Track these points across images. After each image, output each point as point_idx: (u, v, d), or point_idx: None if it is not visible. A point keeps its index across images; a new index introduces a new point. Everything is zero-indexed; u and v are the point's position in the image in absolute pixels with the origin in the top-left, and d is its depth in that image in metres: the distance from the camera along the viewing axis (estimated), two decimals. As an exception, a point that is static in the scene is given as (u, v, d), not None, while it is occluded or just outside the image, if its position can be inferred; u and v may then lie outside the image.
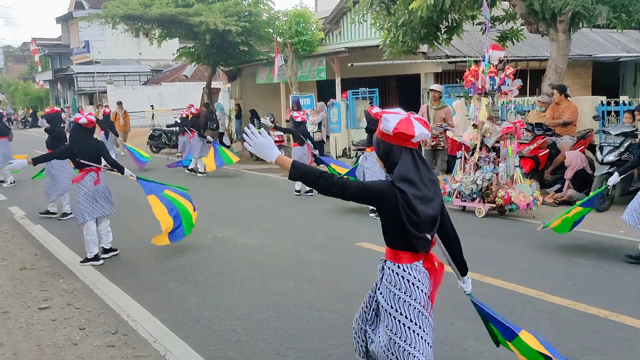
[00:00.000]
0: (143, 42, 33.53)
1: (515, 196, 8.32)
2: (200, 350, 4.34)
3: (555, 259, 6.48)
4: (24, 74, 56.43)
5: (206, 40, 17.90)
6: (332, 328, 4.69)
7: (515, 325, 3.46)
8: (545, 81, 11.05)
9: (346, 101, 16.46)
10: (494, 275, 5.86)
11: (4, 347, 4.48)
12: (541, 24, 10.66)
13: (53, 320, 5.03)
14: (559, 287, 5.49)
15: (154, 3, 18.16)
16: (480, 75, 8.63)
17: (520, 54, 16.07)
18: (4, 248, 7.60)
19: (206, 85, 22.24)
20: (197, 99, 23.58)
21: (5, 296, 5.69)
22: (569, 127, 10.05)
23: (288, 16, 18.30)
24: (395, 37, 12.47)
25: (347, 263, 6.56)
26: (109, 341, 4.57)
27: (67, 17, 44.11)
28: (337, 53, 16.71)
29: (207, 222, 8.88)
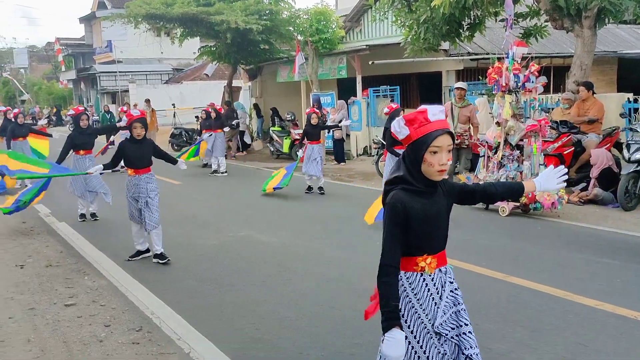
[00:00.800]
0: (164, 41, 33.77)
1: (539, 195, 8.22)
2: (223, 348, 4.35)
3: (582, 258, 6.38)
4: (47, 73, 57.24)
5: (227, 39, 17.96)
6: (354, 327, 4.67)
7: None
8: (570, 78, 10.89)
9: (367, 99, 16.41)
10: (518, 274, 5.79)
11: (31, 344, 4.54)
12: (566, 20, 10.51)
13: (79, 317, 5.09)
14: (585, 287, 5.41)
15: (176, 2, 18.27)
16: (504, 73, 8.54)
17: (543, 51, 15.86)
18: (29, 245, 7.71)
19: (227, 84, 22.33)
20: (218, 98, 23.69)
21: (32, 293, 5.77)
22: (595, 125, 9.90)
23: (309, 14, 18.29)
24: (417, 34, 12.38)
25: (367, 262, 6.50)
26: (134, 338, 4.60)
27: (90, 17, 44.62)
28: (358, 51, 16.66)
29: (227, 221, 8.94)
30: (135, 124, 6.61)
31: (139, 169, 6.67)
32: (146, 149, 6.73)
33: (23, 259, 7.04)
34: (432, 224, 2.62)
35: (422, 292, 2.66)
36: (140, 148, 6.67)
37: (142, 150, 6.70)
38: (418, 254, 2.64)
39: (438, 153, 2.52)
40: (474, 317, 4.72)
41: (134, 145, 6.68)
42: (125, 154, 6.67)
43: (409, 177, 2.59)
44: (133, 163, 6.66)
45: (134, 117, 6.64)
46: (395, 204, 2.57)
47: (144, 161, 6.70)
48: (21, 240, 7.98)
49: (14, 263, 6.86)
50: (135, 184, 6.66)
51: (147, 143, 6.79)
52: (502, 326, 4.59)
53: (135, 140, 6.67)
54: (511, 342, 4.29)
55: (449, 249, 2.80)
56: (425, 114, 2.55)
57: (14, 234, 8.38)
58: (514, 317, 4.76)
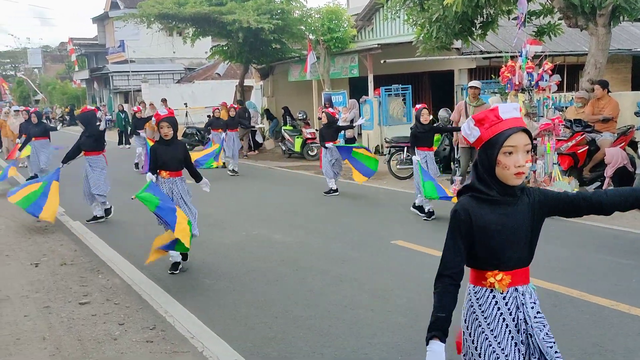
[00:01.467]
0: (177, 40, 33.94)
1: (553, 194, 8.15)
2: (237, 347, 4.36)
3: (596, 258, 6.33)
4: (61, 73, 57.66)
5: (239, 38, 18.02)
6: (368, 326, 4.66)
7: None
8: (584, 76, 10.81)
9: (379, 98, 16.38)
10: (532, 274, 5.72)
11: (46, 342, 4.58)
12: (580, 18, 10.42)
13: (93, 315, 5.12)
14: (600, 287, 5.36)
15: (188, 2, 18.36)
16: (517, 71, 8.49)
17: (557, 49, 15.76)
18: (44, 244, 7.77)
19: (239, 83, 22.40)
20: (229, 97, 23.76)
21: (47, 291, 5.82)
22: (610, 124, 9.81)
23: (320, 13, 18.30)
24: (429, 33, 12.34)
25: (382, 261, 6.52)
26: (148, 336, 4.62)
27: (103, 17, 44.90)
28: (370, 50, 16.63)
29: (241, 220, 8.95)
30: (162, 123, 6.25)
31: (173, 171, 6.33)
32: (178, 150, 6.39)
33: (38, 257, 7.10)
34: (506, 237, 2.37)
35: (491, 310, 2.45)
36: (171, 150, 6.32)
37: (175, 152, 6.35)
38: (488, 268, 2.42)
39: (513, 154, 2.28)
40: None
41: (165, 147, 6.31)
42: (158, 156, 6.30)
43: (479, 184, 2.37)
44: (166, 165, 6.31)
45: (161, 116, 6.29)
46: (458, 212, 2.37)
47: (176, 163, 6.35)
48: (36, 239, 8.05)
49: (29, 261, 6.92)
50: (170, 187, 6.31)
51: (179, 144, 6.48)
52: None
53: (165, 142, 6.31)
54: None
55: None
56: (497, 112, 2.33)
57: (28, 233, 8.45)
58: (528, 317, 4.72)
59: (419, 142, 8.46)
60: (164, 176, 6.32)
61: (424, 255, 6.63)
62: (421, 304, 5.12)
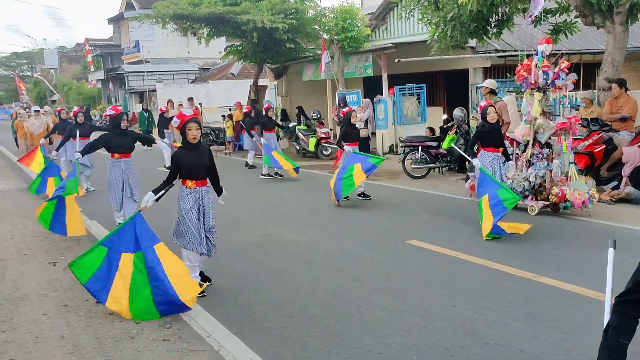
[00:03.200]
0: (191, 41, 34.09)
1: (570, 194, 8.10)
2: (252, 346, 4.38)
3: (615, 258, 6.25)
4: (77, 73, 58.19)
5: (253, 38, 18.07)
6: (382, 326, 4.66)
7: None
8: (601, 75, 10.71)
9: (393, 97, 16.34)
10: (549, 275, 5.72)
11: (65, 340, 4.63)
12: (597, 16, 10.33)
13: (110, 314, 5.16)
14: (619, 288, 5.30)
15: (203, 2, 18.45)
16: (532, 70, 8.42)
17: (573, 47, 15.62)
18: (62, 243, 7.85)
19: (253, 83, 22.45)
20: (244, 97, 23.82)
21: (65, 290, 5.88)
22: (628, 122, 9.72)
23: (334, 12, 18.29)
24: (444, 31, 12.29)
25: (396, 261, 6.51)
26: (164, 335, 4.66)
27: (119, 17, 45.24)
28: (384, 49, 16.59)
29: (255, 219, 8.98)
30: (190, 124, 5.48)
31: (199, 179, 5.57)
32: (204, 156, 5.63)
33: (56, 256, 7.17)
34: None
35: None
36: (197, 155, 5.56)
37: (201, 158, 5.59)
38: None
39: None
40: (503, 317, 4.71)
41: (190, 152, 5.53)
42: (181, 163, 5.49)
43: None
44: (192, 173, 5.52)
45: (186, 116, 5.52)
46: None
47: (203, 171, 5.60)
48: (53, 238, 8.12)
49: (47, 260, 6.99)
50: (197, 197, 5.56)
51: (204, 149, 5.70)
52: (533, 326, 4.54)
53: (190, 146, 5.54)
54: (543, 343, 4.24)
55: (474, 248, 2.76)
56: None
57: (46, 232, 8.50)
58: (544, 317, 4.70)
59: (485, 142, 8.02)
60: (190, 186, 5.52)
61: (439, 255, 6.61)
62: (436, 304, 5.11)
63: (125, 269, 5.15)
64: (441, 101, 18.66)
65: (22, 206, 10.69)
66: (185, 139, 5.52)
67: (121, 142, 8.17)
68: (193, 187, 5.53)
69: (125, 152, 8.26)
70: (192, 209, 5.52)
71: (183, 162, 5.47)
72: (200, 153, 5.58)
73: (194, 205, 5.53)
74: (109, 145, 8.15)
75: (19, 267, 6.77)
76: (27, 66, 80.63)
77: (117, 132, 8.18)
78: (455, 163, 12.86)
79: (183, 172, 5.52)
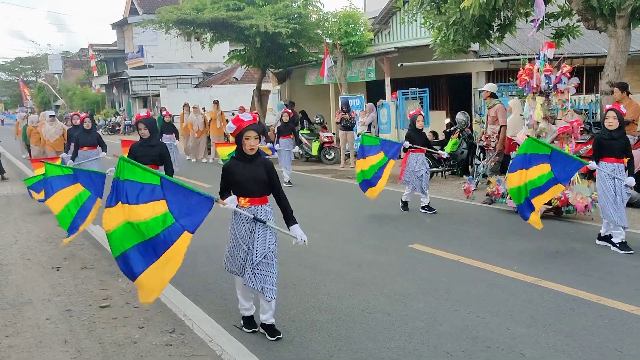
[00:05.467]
0: (195, 45, 34.19)
1: (572, 197, 8.10)
2: (254, 350, 4.40)
3: (617, 262, 6.27)
4: (81, 78, 58.39)
5: (257, 43, 18.11)
6: (385, 331, 4.67)
7: None
8: (604, 79, 10.70)
9: (396, 101, 16.37)
10: (551, 278, 5.72)
11: (68, 344, 4.65)
12: (599, 20, 10.32)
13: (113, 318, 5.19)
14: (620, 291, 5.31)
15: (206, 7, 18.52)
16: (535, 74, 8.44)
17: (575, 51, 15.62)
18: (65, 248, 7.87)
19: (256, 87, 22.49)
20: (247, 101, 23.88)
21: (68, 294, 5.91)
22: (630, 126, 9.69)
23: (337, 17, 18.34)
24: (446, 36, 12.30)
25: (399, 265, 6.52)
26: (167, 340, 4.68)
27: (122, 22, 45.44)
28: (387, 53, 16.64)
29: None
30: (249, 132, 4.57)
31: (254, 196, 4.69)
32: (261, 169, 4.70)
33: (59, 261, 7.21)
34: None
35: None
36: (253, 168, 4.66)
37: (257, 170, 4.67)
38: None
39: None
40: (505, 321, 4.71)
41: (245, 163, 4.66)
42: (233, 177, 4.67)
43: None
44: (245, 189, 4.65)
45: (244, 122, 4.59)
46: None
47: (260, 186, 4.69)
48: (57, 243, 8.15)
49: (50, 265, 7.03)
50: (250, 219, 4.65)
51: (263, 162, 4.76)
52: (535, 330, 4.54)
53: (245, 157, 4.66)
54: (544, 347, 4.24)
55: (477, 252, 2.77)
56: None
57: (50, 237, 8.57)
58: (546, 321, 4.70)
59: (605, 152, 6.80)
60: (243, 204, 4.65)
61: (441, 259, 6.62)
62: (438, 308, 5.12)
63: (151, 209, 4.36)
64: (444, 105, 18.65)
65: (26, 211, 10.73)
66: (241, 149, 4.63)
67: (146, 153, 7.07)
68: (247, 206, 4.65)
69: (147, 164, 6.86)
70: (240, 228, 4.67)
71: (233, 174, 4.65)
72: (257, 166, 4.68)
73: (241, 225, 4.67)
74: (134, 155, 6.89)
75: (23, 272, 6.80)
76: (31, 71, 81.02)
77: (140, 142, 7.24)
78: (459, 167, 12.87)
79: (233, 186, 4.70)
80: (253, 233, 4.63)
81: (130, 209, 4.33)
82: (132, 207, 4.34)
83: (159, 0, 40.30)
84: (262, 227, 4.63)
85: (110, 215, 4.37)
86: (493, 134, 10.48)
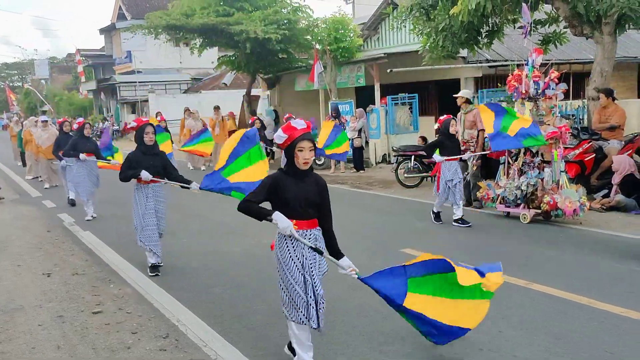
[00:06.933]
0: (184, 51, 34.16)
1: (561, 202, 8.18)
2: (250, 355, 4.40)
3: (605, 266, 6.35)
4: (68, 84, 58.06)
5: (247, 48, 18.15)
6: (381, 334, 4.70)
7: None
8: (590, 85, 10.85)
9: (385, 107, 16.45)
10: (542, 281, 5.78)
11: (61, 350, 4.64)
12: (586, 27, 10.48)
13: (106, 324, 5.17)
14: (610, 294, 5.38)
15: (196, 13, 18.54)
16: (524, 80, 8.54)
17: (562, 57, 15.80)
18: (56, 254, 7.84)
19: (246, 93, 22.51)
20: (236, 107, 23.85)
21: (60, 301, 5.88)
22: (617, 131, 9.85)
23: (327, 23, 18.43)
24: (435, 42, 12.41)
25: (391, 269, 6.54)
26: (161, 345, 4.67)
27: (110, 28, 45.25)
28: (376, 59, 16.73)
29: (248, 228, 8.98)
30: (303, 142, 3.82)
31: (302, 218, 3.95)
32: (312, 187, 3.96)
33: (49, 267, 7.17)
34: None
35: None
36: (305, 186, 3.92)
37: (309, 189, 3.94)
38: None
39: None
40: (498, 323, 4.76)
41: (295, 179, 3.91)
42: (283, 194, 3.89)
43: None
44: (293, 209, 3.88)
45: (297, 131, 3.83)
46: None
47: (311, 207, 3.96)
48: (47, 249, 8.12)
49: (40, 271, 6.98)
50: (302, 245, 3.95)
51: (315, 179, 4.01)
52: (527, 333, 4.59)
53: (297, 172, 3.91)
54: (537, 349, 4.29)
55: (468, 256, 2.81)
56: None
57: (39, 243, 8.52)
58: (538, 324, 4.76)
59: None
60: (297, 228, 3.93)
61: (433, 264, 6.66)
62: (431, 311, 5.15)
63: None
64: (433, 110, 18.75)
65: (17, 217, 10.66)
66: (293, 162, 3.88)
67: (148, 163, 6.59)
68: (296, 230, 3.90)
69: (156, 176, 6.65)
70: (293, 260, 3.96)
71: (283, 190, 3.88)
72: (309, 184, 3.94)
73: (296, 255, 3.97)
74: (132, 167, 6.56)
75: (13, 278, 6.76)
76: (17, 77, 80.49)
77: (143, 150, 6.62)
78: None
79: (279, 206, 3.91)
80: (305, 259, 3.99)
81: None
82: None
83: (147, 6, 40.24)
84: (315, 255, 4.05)
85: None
86: (472, 139, 10.47)
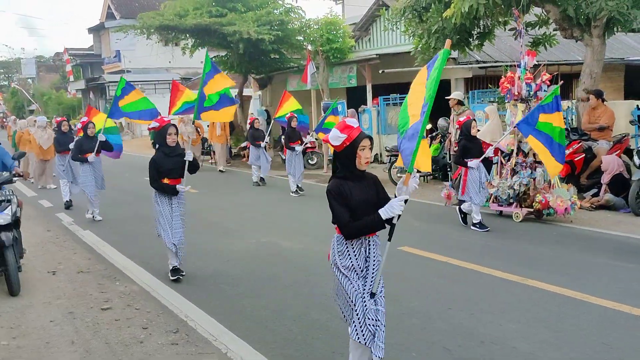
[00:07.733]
0: (175, 50, 34.11)
1: (553, 201, 8.41)
2: (259, 348, 4.56)
3: (598, 262, 6.58)
4: (56, 83, 57.66)
5: (239, 49, 18.24)
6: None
7: None
8: (580, 86, 11.10)
9: (377, 107, 16.64)
10: (537, 277, 5.99)
11: (76, 345, 4.76)
12: (575, 29, 10.72)
13: (116, 320, 5.31)
14: (602, 289, 5.60)
15: (189, 14, 18.59)
16: (516, 82, 8.76)
17: (551, 58, 16.06)
18: (58, 253, 7.94)
19: (237, 93, 22.57)
20: (228, 107, 23.87)
21: (68, 298, 6.00)
22: (605, 132, 10.10)
23: (319, 24, 18.57)
24: (427, 43, 12.60)
25: (390, 267, 6.67)
26: (172, 339, 4.82)
27: (99, 27, 45.07)
28: (368, 60, 16.91)
29: (247, 228, 9.14)
30: (365, 141, 3.58)
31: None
32: (371, 189, 3.71)
33: (53, 265, 7.27)
34: None
35: None
36: (364, 188, 3.67)
37: (368, 191, 3.69)
38: None
39: None
40: (497, 318, 4.95)
41: (354, 182, 3.63)
42: (350, 201, 3.59)
43: None
44: (356, 215, 3.62)
45: (355, 130, 3.58)
46: None
47: (371, 211, 3.64)
48: (49, 248, 8.21)
49: (45, 270, 7.09)
50: (362, 251, 3.82)
51: (372, 179, 3.76)
52: (526, 327, 4.79)
53: (355, 173, 3.64)
54: (536, 341, 4.49)
55: (464, 253, 2.98)
56: None
57: (41, 242, 8.60)
58: (535, 318, 4.96)
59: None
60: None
61: (430, 261, 6.86)
62: (432, 306, 5.35)
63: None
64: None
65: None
66: (350, 163, 3.59)
67: (172, 165, 6.36)
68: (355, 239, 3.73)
69: (176, 178, 6.42)
70: (353, 269, 3.76)
71: (349, 198, 3.57)
72: (367, 186, 3.68)
73: (357, 262, 3.77)
74: (159, 170, 6.31)
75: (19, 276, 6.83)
76: (3, 75, 79.74)
77: (166, 152, 6.35)
78: (440, 172, 13.18)
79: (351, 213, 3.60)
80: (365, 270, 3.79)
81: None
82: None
83: (136, 5, 40.16)
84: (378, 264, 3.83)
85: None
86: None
